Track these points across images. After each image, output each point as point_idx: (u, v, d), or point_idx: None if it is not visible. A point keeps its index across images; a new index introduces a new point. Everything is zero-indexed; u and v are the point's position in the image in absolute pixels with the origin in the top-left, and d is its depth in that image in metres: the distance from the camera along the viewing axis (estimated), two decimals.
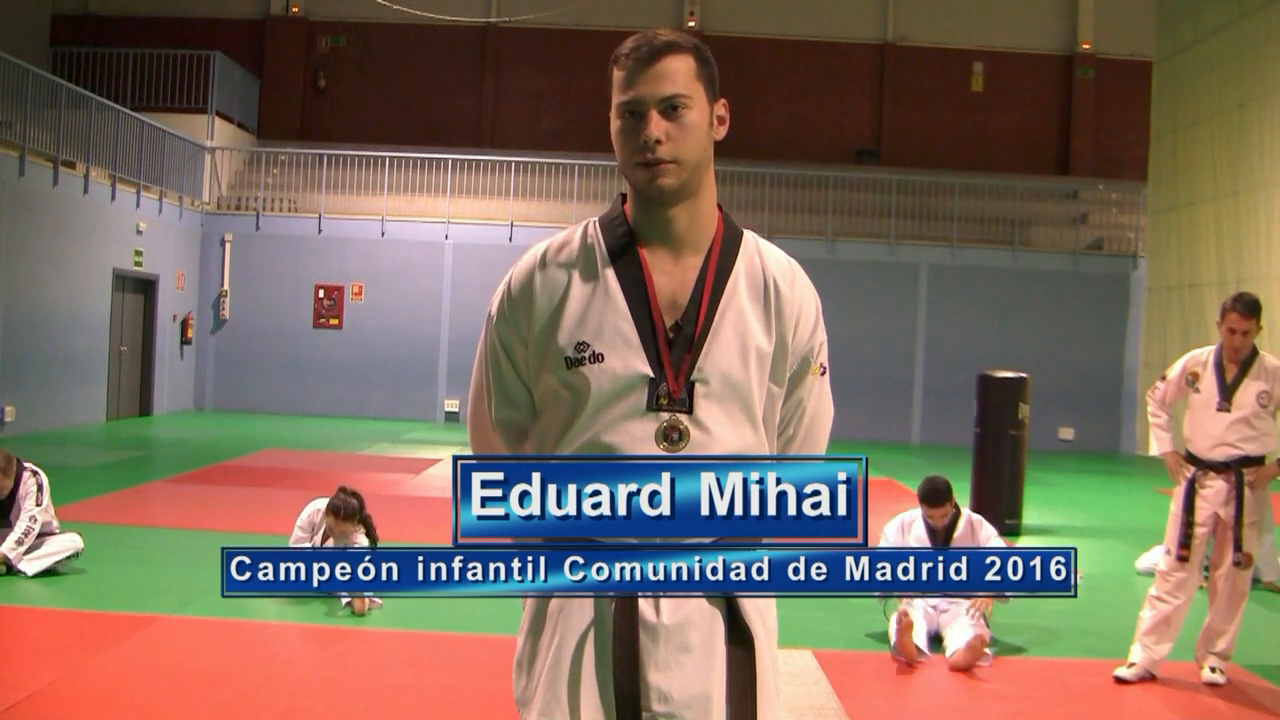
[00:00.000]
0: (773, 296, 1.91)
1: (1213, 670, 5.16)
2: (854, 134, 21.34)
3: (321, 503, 6.18)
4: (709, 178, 1.92)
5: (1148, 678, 5.13)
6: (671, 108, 1.84)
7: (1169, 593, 5.12)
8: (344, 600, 5.86)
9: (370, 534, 5.98)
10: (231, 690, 4.59)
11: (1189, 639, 5.27)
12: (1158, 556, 7.74)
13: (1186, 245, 16.21)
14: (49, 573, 6.33)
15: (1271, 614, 6.74)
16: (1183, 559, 5.08)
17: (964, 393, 12.23)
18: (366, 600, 5.83)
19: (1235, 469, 5.04)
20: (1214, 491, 5.07)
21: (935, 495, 5.65)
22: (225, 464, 11.78)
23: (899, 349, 18.40)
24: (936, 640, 5.59)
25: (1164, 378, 5.30)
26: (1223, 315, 5.11)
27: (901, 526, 5.81)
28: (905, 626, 5.26)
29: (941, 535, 5.66)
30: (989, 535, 5.67)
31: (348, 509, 5.94)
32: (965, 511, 5.79)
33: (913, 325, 18.45)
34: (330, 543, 6.05)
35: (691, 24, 20.66)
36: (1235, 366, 5.09)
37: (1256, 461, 5.07)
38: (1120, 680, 5.12)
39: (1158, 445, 5.32)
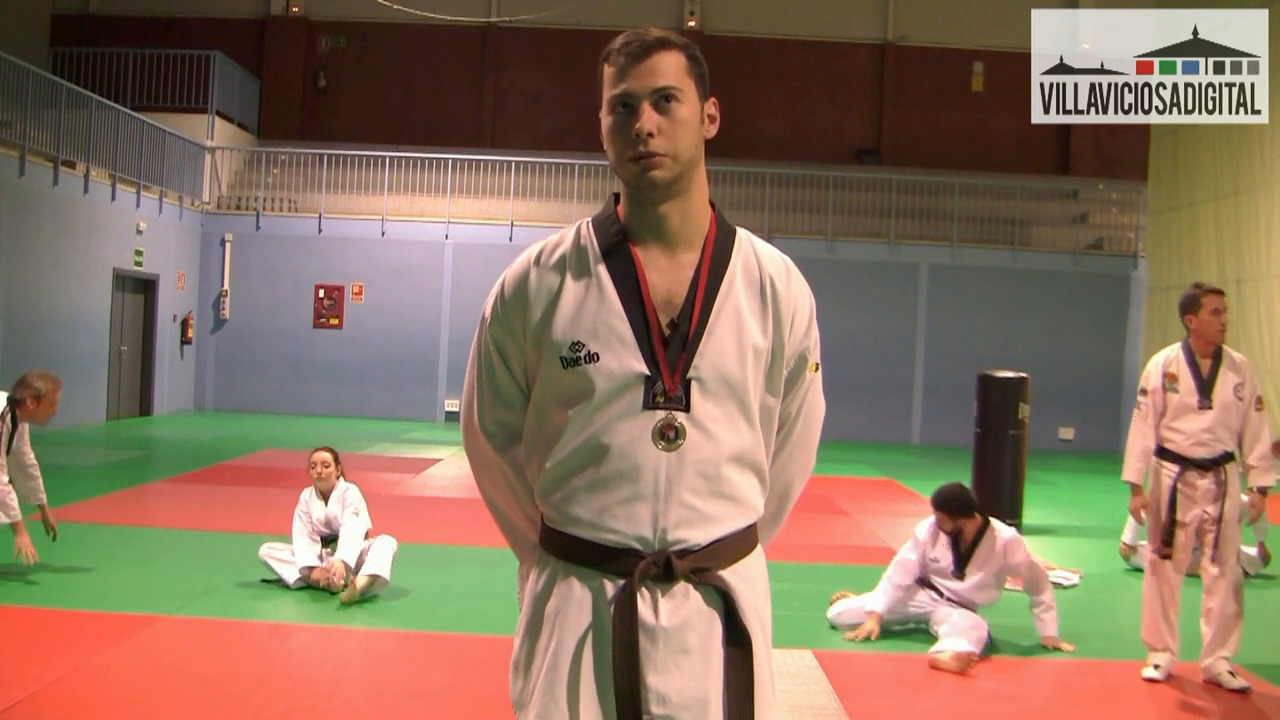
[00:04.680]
0: (769, 294, 1.91)
1: (1232, 674, 5.12)
2: (854, 134, 21.34)
3: (309, 490, 6.42)
4: (700, 175, 1.92)
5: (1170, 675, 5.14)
6: (664, 99, 1.84)
7: (1166, 583, 5.12)
8: (326, 583, 6.08)
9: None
10: (231, 690, 4.58)
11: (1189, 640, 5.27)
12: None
13: (1186, 245, 16.20)
14: (55, 572, 6.35)
15: (1269, 613, 6.74)
16: (1165, 556, 5.11)
17: (964, 393, 12.23)
18: (347, 579, 6.04)
19: (1221, 465, 5.04)
20: (1201, 491, 5.04)
21: (946, 505, 5.66)
22: (225, 464, 11.77)
23: (899, 349, 18.40)
24: (923, 631, 5.67)
25: (1144, 391, 5.18)
26: (1195, 305, 5.07)
27: (932, 527, 5.81)
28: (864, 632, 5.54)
29: (964, 545, 5.67)
30: (1019, 560, 5.58)
31: (328, 449, 6.44)
32: (996, 527, 5.71)
33: (913, 325, 18.45)
34: (319, 511, 6.34)
35: (691, 24, 20.66)
36: (1208, 361, 5.08)
37: (1232, 457, 5.09)
38: (1153, 680, 5.11)
39: (1132, 472, 5.18)
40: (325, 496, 6.37)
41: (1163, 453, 5.14)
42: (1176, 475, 5.08)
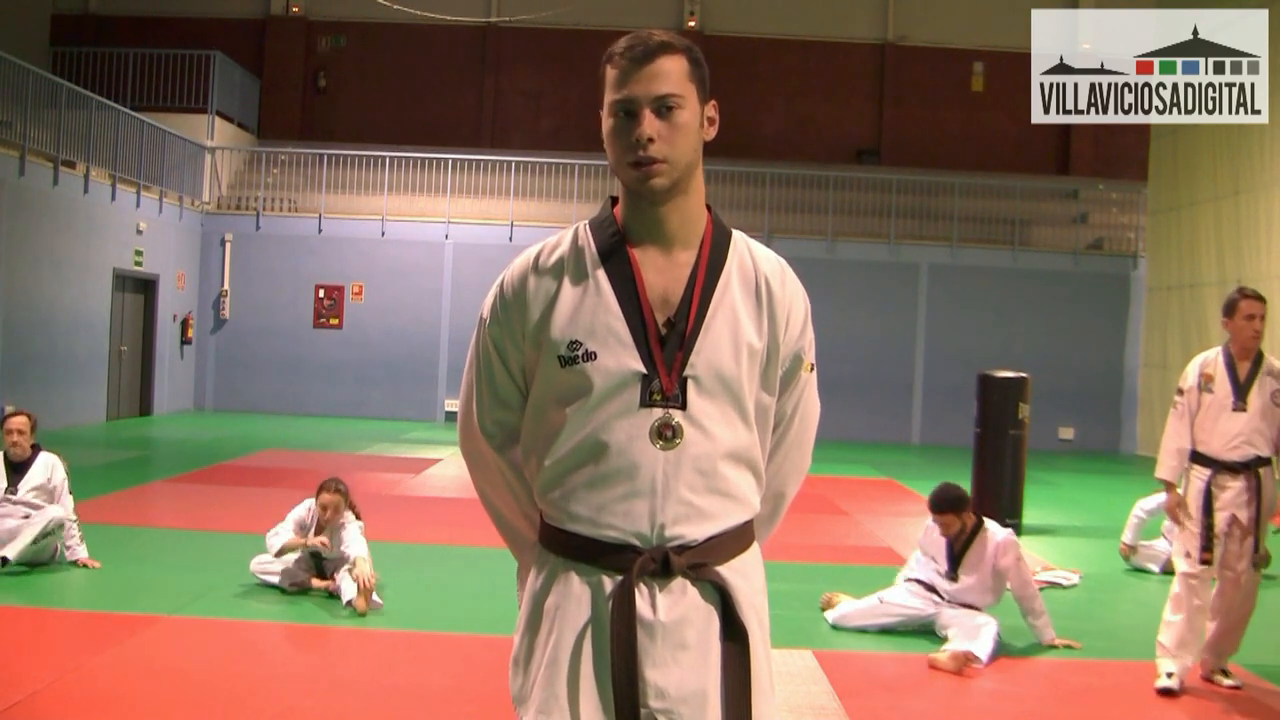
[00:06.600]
0: (764, 295, 1.92)
1: (1225, 674, 5.13)
2: (854, 134, 21.34)
3: (311, 501, 6.26)
4: (698, 177, 1.93)
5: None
6: (665, 107, 1.85)
7: (1198, 596, 5.02)
8: (345, 600, 5.88)
9: (357, 515, 6.24)
10: (231, 690, 4.58)
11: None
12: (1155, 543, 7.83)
13: (1186, 245, 16.21)
14: (55, 572, 6.35)
15: (1269, 613, 6.73)
16: (1206, 563, 4.99)
17: (964, 393, 12.22)
18: (367, 600, 5.84)
19: (1254, 469, 4.99)
20: (1233, 493, 4.98)
21: (938, 504, 5.66)
22: (225, 464, 11.77)
23: (899, 349, 18.40)
24: (929, 631, 5.69)
25: (1180, 391, 5.13)
26: (1232, 309, 5.06)
27: (927, 529, 5.81)
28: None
29: (957, 546, 5.67)
30: (1007, 564, 5.56)
31: (340, 486, 6.22)
32: (990, 529, 5.70)
33: (913, 325, 18.45)
34: (321, 537, 6.16)
35: (691, 24, 20.66)
36: (1246, 364, 5.04)
37: (1267, 462, 5.02)
38: (1169, 692, 4.96)
39: (1167, 470, 5.10)
40: (324, 527, 6.21)
41: (1194, 456, 5.08)
42: (1208, 478, 5.02)
